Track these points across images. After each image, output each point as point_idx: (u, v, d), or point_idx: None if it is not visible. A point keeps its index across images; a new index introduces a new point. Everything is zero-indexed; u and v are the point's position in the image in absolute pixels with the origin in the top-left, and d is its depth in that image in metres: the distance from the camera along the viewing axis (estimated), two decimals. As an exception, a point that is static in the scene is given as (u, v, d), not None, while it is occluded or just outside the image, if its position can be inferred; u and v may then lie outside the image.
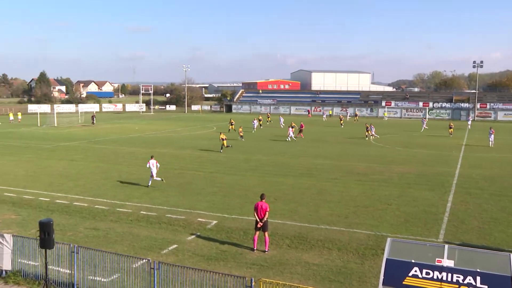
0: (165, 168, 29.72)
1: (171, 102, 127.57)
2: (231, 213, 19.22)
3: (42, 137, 49.49)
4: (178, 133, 55.06)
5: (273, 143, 44.32)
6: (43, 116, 73.14)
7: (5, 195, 22.18)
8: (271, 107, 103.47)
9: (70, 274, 12.07)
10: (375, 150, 39.87)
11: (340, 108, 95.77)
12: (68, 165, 30.94)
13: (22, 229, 16.79)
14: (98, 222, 18.00)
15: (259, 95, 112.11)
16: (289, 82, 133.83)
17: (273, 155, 36.35)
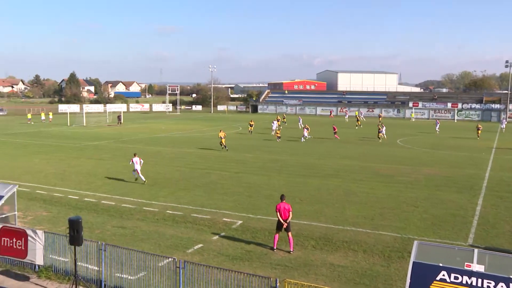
0: (191, 168, 29.98)
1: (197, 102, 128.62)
2: (257, 213, 19.24)
3: (71, 136, 50.46)
4: (204, 133, 55.39)
5: (299, 144, 44.16)
6: (72, 116, 74.61)
7: (37, 193, 22.71)
8: (297, 108, 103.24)
9: (98, 271, 12.28)
10: (402, 152, 39.34)
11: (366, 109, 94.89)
12: (96, 164, 31.48)
13: (53, 225, 17.16)
14: (125, 220, 18.26)
15: (285, 96, 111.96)
16: (315, 83, 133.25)
17: (299, 155, 36.24)
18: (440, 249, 9.88)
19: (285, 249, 15.04)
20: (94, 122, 70.50)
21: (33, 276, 12.87)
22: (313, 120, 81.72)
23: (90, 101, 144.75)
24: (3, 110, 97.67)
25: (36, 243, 12.96)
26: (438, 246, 10.44)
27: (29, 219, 18.26)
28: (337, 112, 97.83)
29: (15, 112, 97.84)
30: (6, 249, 13.48)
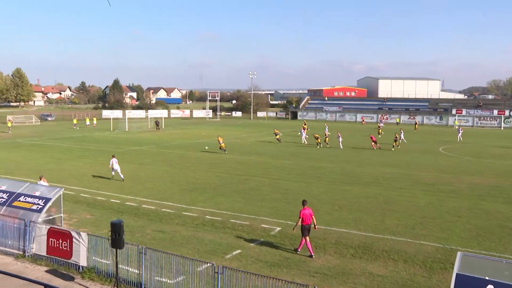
0: (230, 174, 30.14)
1: (237, 109, 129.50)
2: (294, 220, 19.09)
3: (114, 141, 51.71)
4: (244, 139, 55.64)
5: (338, 151, 43.71)
6: (115, 121, 76.57)
7: (81, 196, 23.36)
8: (336, 115, 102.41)
9: (138, 274, 12.48)
10: (444, 160, 38.32)
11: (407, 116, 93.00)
12: (137, 169, 32.11)
13: (96, 228, 17.58)
14: (164, 224, 18.51)
15: (325, 102, 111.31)
16: (355, 89, 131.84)
17: (339, 162, 35.87)
18: (486, 262, 9.50)
19: (304, 254, 14.91)
20: (136, 127, 72.05)
21: (77, 276, 13.22)
22: (353, 128, 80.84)
23: (132, 107, 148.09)
24: (52, 115, 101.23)
25: (80, 245, 13.33)
26: (484, 259, 10.04)
27: (73, 221, 18.78)
28: (377, 119, 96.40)
29: (62, 117, 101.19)
30: (53, 249, 13.95)
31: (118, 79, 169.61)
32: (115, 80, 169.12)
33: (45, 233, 14.19)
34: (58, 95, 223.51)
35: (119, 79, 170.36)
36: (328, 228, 18.10)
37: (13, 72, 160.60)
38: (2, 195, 16.67)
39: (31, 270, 13.60)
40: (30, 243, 14.58)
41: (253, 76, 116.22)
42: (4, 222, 15.38)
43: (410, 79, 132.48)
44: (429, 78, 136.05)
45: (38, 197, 15.92)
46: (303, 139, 52.45)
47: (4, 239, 15.25)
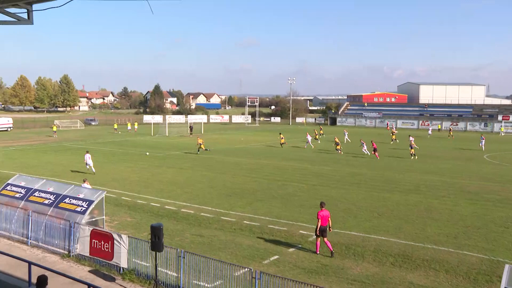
0: (268, 179, 30.17)
1: (276, 114, 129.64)
2: (333, 227, 18.90)
3: (154, 146, 52.68)
4: (282, 145, 55.55)
5: (378, 158, 43.04)
6: (156, 126, 78.01)
7: (122, 199, 23.90)
8: (376, 120, 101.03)
9: (177, 277, 12.66)
10: (489, 168, 37.12)
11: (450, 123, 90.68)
12: (177, 173, 32.58)
13: (136, 231, 17.94)
14: (203, 229, 18.69)
15: (364, 108, 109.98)
16: (395, 95, 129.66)
17: (379, 169, 35.31)
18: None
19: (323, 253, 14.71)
20: (176, 132, 73.16)
21: (118, 277, 13.52)
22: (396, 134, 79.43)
23: (173, 112, 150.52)
24: (95, 120, 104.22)
25: (121, 246, 13.64)
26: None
27: (115, 223, 19.23)
28: (418, 125, 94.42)
29: (105, 122, 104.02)
30: (96, 250, 14.35)
31: (159, 85, 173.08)
32: (156, 85, 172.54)
33: (88, 234, 14.60)
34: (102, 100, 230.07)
35: (160, 85, 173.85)
36: (366, 235, 17.84)
37: (60, 79, 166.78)
38: (49, 196, 17.30)
39: (76, 270, 14.02)
40: (74, 243, 15.04)
41: (292, 81, 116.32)
42: (51, 222, 15.97)
43: (452, 84, 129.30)
44: (473, 84, 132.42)
45: (82, 199, 16.42)
46: (306, 144, 52.84)
47: (52, 238, 15.84)
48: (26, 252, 15.51)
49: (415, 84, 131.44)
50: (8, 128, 79.84)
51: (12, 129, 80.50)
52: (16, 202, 17.77)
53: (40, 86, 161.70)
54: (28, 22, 10.31)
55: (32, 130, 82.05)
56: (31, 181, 19.12)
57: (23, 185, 18.65)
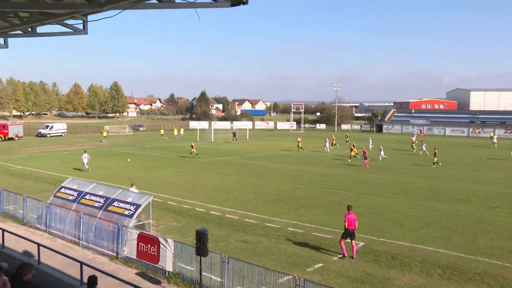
0: (313, 186, 29.98)
1: (321, 121, 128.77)
2: (380, 236, 18.62)
3: (200, 152, 53.33)
4: (327, 152, 55.10)
5: (426, 166, 41.95)
6: (201, 132, 79.11)
7: (168, 204, 24.36)
8: (424, 128, 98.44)
9: (221, 283, 12.76)
10: (546, 178, 35.40)
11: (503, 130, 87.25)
12: (222, 179, 32.89)
13: (181, 235, 18.23)
14: (247, 235, 18.77)
15: (412, 115, 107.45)
16: (444, 102, 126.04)
17: (427, 178, 34.39)
18: None
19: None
20: (221, 138, 73.90)
21: (163, 281, 13.78)
22: (441, 142, 77.29)
23: (218, 118, 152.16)
24: (143, 126, 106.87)
25: (167, 250, 13.91)
26: None
27: (161, 227, 19.61)
28: (468, 133, 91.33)
29: (152, 128, 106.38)
30: (142, 253, 14.69)
31: (205, 91, 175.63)
32: (202, 92, 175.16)
33: (136, 237, 14.97)
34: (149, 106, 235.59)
35: (206, 91, 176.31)
36: (413, 245, 17.41)
37: (111, 86, 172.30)
38: (99, 199, 17.88)
39: (123, 271, 14.39)
40: (122, 246, 15.46)
41: (337, 88, 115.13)
42: (101, 225, 16.50)
43: (506, 90, 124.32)
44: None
45: (130, 203, 16.86)
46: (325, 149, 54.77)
47: (101, 240, 16.37)
48: (78, 253, 16.07)
49: (465, 90, 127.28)
50: (63, 133, 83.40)
51: (66, 134, 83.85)
52: (69, 204, 18.53)
53: (92, 93, 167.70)
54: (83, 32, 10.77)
55: (84, 135, 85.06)
56: (82, 184, 19.87)
57: (75, 188, 19.42)
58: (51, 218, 18.68)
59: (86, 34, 10.81)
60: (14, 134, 71.31)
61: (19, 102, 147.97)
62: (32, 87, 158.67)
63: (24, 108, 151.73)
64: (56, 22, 10.12)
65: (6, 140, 68.62)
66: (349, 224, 16.00)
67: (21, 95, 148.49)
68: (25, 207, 20.25)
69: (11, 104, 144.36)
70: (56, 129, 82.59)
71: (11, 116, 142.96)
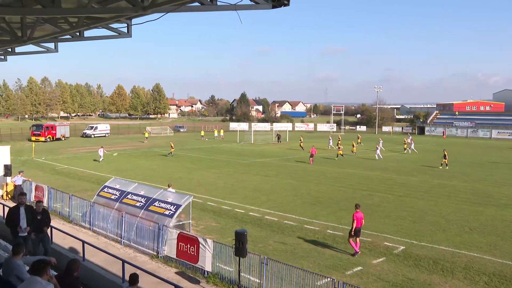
0: (353, 189, 29.64)
1: (361, 123, 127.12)
2: (421, 240, 18.22)
3: (240, 153, 53.70)
4: (367, 154, 54.38)
5: (471, 169, 40.73)
6: (241, 133, 79.52)
7: (208, 204, 24.61)
8: (468, 130, 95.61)
9: (259, 284, 12.80)
10: None
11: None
12: (261, 180, 32.96)
13: (221, 236, 18.38)
14: (286, 236, 18.74)
15: (455, 117, 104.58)
16: (490, 103, 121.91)
17: (471, 181, 33.39)
18: None
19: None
20: (261, 140, 74.06)
21: (202, 280, 13.93)
22: (487, 145, 74.96)
23: (258, 120, 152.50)
24: (184, 127, 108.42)
25: (206, 250, 14.05)
26: None
27: (200, 228, 19.83)
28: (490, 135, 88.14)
29: (193, 129, 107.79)
30: (182, 253, 14.90)
31: (245, 93, 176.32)
32: (242, 93, 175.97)
33: (175, 237, 15.20)
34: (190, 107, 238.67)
35: (246, 93, 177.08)
36: (456, 250, 16.94)
37: (153, 87, 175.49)
38: (141, 199, 18.26)
39: (163, 270, 14.63)
40: (162, 245, 15.73)
41: (378, 90, 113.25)
42: (142, 224, 16.83)
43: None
44: None
45: (170, 203, 17.13)
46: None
47: (142, 239, 16.70)
48: (120, 251, 16.45)
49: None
50: (106, 134, 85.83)
51: (109, 134, 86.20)
52: (112, 203, 18.99)
53: (134, 94, 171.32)
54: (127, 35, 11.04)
55: (126, 136, 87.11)
56: (124, 184, 20.34)
57: (117, 187, 19.89)
58: (94, 217, 19.22)
59: (130, 37, 11.07)
60: (61, 135, 73.95)
61: (66, 104, 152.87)
62: (78, 89, 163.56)
63: (71, 110, 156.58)
64: (102, 26, 10.43)
65: (54, 140, 71.19)
66: (357, 223, 16.49)
67: (68, 97, 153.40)
68: (71, 205, 20.92)
69: (59, 106, 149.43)
70: (100, 130, 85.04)
71: (59, 117, 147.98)
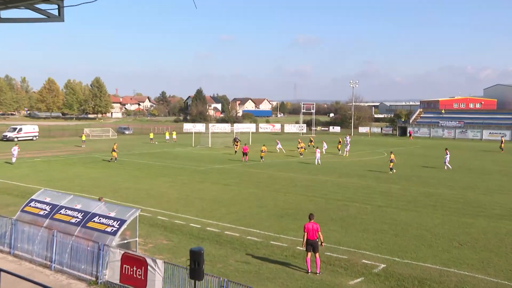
0: (326, 198, 29.86)
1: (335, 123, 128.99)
2: (403, 257, 18.47)
3: (196, 158, 53.38)
4: (342, 159, 55.02)
5: (459, 175, 41.78)
6: (197, 136, 79.10)
7: (158, 219, 24.27)
8: (456, 131, 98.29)
9: (218, 311, 12.64)
10: None
11: None
12: (221, 190, 32.83)
13: (173, 256, 18.13)
14: (249, 255, 18.65)
15: (441, 116, 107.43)
16: (481, 100, 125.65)
17: (460, 189, 34.20)
18: None
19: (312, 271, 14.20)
20: (220, 143, 73.89)
21: (151, 309, 13.65)
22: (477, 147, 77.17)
23: (217, 120, 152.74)
24: (129, 129, 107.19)
25: (156, 273, 13.80)
26: None
27: (149, 246, 19.52)
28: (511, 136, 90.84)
29: (141, 131, 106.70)
30: (127, 277, 14.56)
31: (201, 89, 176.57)
32: (198, 90, 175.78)
33: (119, 258, 14.87)
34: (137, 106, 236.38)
35: (202, 89, 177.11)
36: (445, 268, 17.24)
37: (92, 82, 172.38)
38: (77, 214, 17.75)
39: (104, 299, 14.27)
40: (103, 268, 15.35)
41: (354, 85, 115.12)
42: (78, 244, 16.37)
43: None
44: None
45: (113, 218, 16.73)
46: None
47: (78, 262, 16.22)
48: (49, 278, 15.94)
49: (507, 86, 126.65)
50: (34, 137, 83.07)
51: (38, 138, 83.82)
52: (40, 220, 18.34)
53: (69, 90, 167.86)
54: (59, 19, 10.65)
55: (60, 139, 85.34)
56: (57, 196, 19.73)
57: (48, 201, 19.27)
58: (17, 237, 18.34)
59: (62, 22, 10.69)
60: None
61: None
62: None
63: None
64: (25, 6, 10.00)
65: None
66: (310, 234, 16.53)
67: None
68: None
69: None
70: (26, 132, 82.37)
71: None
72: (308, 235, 16.54)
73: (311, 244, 16.55)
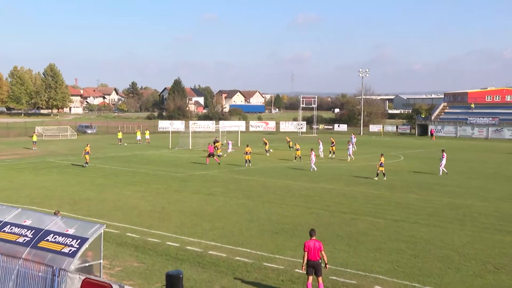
0: (331, 211, 29.87)
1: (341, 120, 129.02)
2: (425, 282, 18.45)
3: (173, 163, 53.29)
4: (348, 163, 55.09)
5: (490, 184, 41.91)
6: (175, 136, 78.95)
7: (127, 236, 24.16)
8: (489, 129, 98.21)
9: None
10: None
11: None
12: (204, 201, 32.75)
13: (145, 281, 18.03)
14: (238, 279, 18.59)
15: (471, 112, 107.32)
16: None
17: (494, 200, 34.16)
18: None
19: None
20: (202, 144, 73.72)
21: None
22: None
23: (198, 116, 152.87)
24: (93, 127, 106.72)
25: (125, 304, 13.65)
26: None
27: (116, 270, 19.40)
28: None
29: (107, 130, 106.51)
30: (88, 308, 14.39)
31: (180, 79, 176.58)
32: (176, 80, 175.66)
33: (79, 285, 14.68)
34: (101, 100, 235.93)
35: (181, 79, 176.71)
36: (476, 296, 17.24)
37: (45, 70, 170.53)
38: (26, 232, 17.45)
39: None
40: (59, 298, 15.16)
41: (364, 75, 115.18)
42: (26, 269, 16.09)
43: None
44: None
45: (72, 236, 16.48)
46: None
47: (26, 292, 15.98)
48: (-10, 312, 15.78)
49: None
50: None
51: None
52: (-22, 240, 18.07)
53: (16, 79, 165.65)
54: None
55: (4, 140, 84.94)
56: (0, 210, 19.48)
57: (-13, 216, 18.98)
58: None
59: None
60: None
61: None
62: None
63: None
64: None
65: None
66: (311, 254, 16.46)
67: None
68: None
69: None
70: None
71: None
72: (309, 255, 16.41)
73: (313, 266, 16.44)
